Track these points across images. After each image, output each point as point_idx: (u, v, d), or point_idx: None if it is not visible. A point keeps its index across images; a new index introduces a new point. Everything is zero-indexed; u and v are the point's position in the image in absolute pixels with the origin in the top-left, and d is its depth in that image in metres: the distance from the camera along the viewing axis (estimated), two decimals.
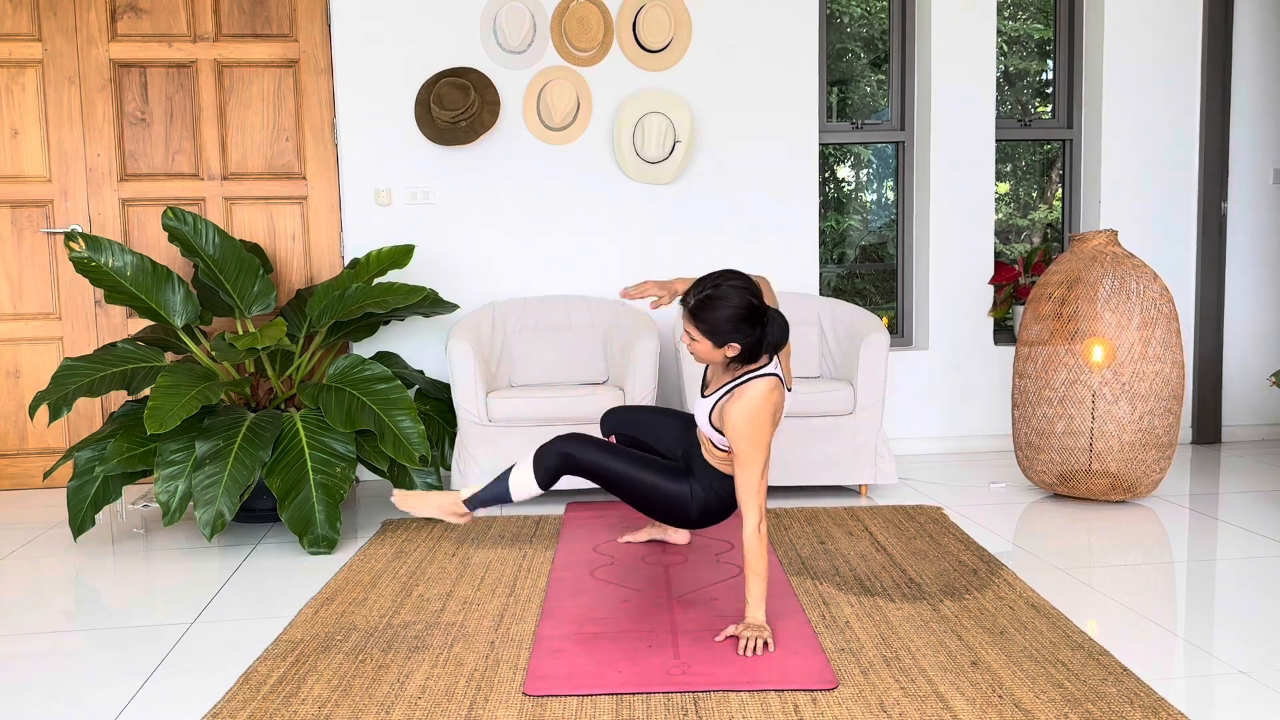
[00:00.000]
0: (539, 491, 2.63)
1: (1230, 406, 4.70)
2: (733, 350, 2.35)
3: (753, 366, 2.40)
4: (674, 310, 4.29)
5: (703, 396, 2.51)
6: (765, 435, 2.32)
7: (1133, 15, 4.44)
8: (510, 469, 2.66)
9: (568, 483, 3.63)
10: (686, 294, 2.39)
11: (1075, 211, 4.70)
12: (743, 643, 2.25)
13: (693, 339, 2.38)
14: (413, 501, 2.80)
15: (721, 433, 2.42)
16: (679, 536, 3.12)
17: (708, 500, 2.57)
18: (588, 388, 3.73)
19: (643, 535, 3.16)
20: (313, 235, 4.18)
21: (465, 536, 3.28)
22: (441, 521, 3.43)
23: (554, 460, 2.57)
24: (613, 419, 2.97)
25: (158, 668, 2.28)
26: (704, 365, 2.60)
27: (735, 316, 2.31)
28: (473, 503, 2.72)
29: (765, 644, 2.25)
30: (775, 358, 2.44)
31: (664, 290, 2.60)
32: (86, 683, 2.21)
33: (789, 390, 2.49)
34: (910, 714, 1.95)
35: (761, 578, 2.30)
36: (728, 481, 2.55)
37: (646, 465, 2.58)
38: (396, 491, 2.83)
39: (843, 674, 2.14)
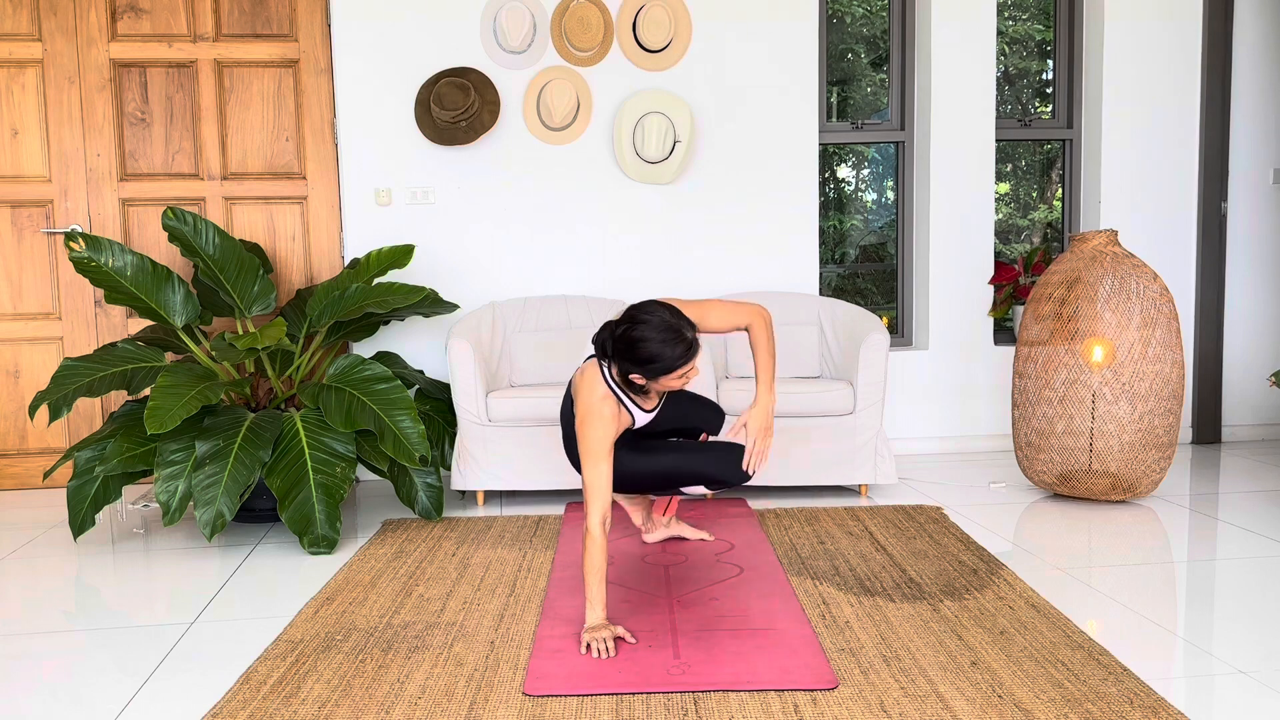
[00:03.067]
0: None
1: (1230, 406, 4.70)
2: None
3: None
4: None
5: (646, 411, 2.56)
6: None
7: (1133, 15, 4.44)
8: None
9: (567, 482, 3.64)
10: (677, 349, 2.34)
11: (1075, 211, 4.70)
12: (754, 456, 2.55)
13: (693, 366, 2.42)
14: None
15: None
16: (694, 533, 3.15)
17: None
18: None
19: (658, 535, 3.16)
20: (313, 235, 4.18)
21: (465, 536, 3.28)
22: (443, 520, 3.45)
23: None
24: None
25: (158, 668, 2.28)
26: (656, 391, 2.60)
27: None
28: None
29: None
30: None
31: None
32: (86, 683, 2.21)
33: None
34: (910, 714, 1.95)
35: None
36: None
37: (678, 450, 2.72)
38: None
39: (843, 674, 2.14)
